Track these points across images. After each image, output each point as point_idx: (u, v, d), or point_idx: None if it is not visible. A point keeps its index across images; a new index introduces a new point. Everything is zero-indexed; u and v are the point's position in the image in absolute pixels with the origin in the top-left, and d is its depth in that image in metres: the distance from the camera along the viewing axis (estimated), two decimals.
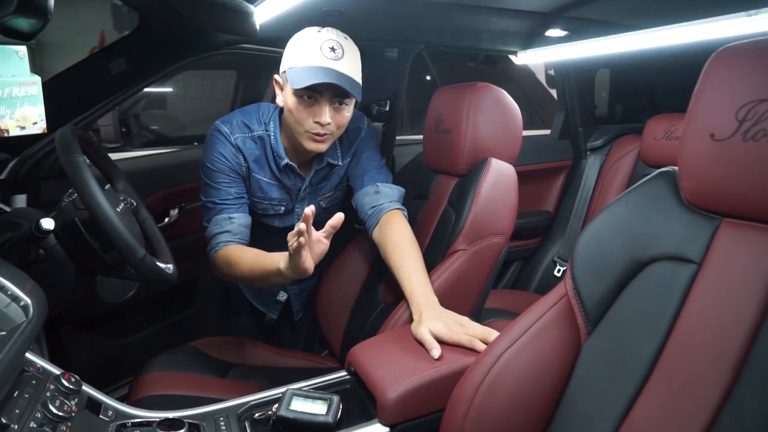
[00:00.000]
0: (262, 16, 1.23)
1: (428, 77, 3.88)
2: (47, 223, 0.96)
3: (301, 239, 0.93)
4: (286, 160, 1.28)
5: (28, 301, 0.90)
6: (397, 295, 1.27)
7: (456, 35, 1.65)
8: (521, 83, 3.67)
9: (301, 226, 0.91)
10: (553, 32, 1.68)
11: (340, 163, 1.36)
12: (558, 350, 0.84)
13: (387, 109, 1.72)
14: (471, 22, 1.59)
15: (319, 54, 1.11)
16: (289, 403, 0.93)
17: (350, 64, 1.14)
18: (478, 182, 1.24)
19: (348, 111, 1.20)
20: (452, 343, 1.01)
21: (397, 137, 1.91)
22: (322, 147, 1.20)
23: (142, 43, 1.34)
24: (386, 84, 1.72)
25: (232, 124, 1.26)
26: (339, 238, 1.81)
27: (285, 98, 1.18)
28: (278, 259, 1.07)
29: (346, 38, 1.17)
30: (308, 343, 1.86)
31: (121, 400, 1.22)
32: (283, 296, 1.60)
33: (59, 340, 1.61)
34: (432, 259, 1.31)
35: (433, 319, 1.04)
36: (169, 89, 4.09)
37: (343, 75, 1.12)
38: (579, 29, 1.65)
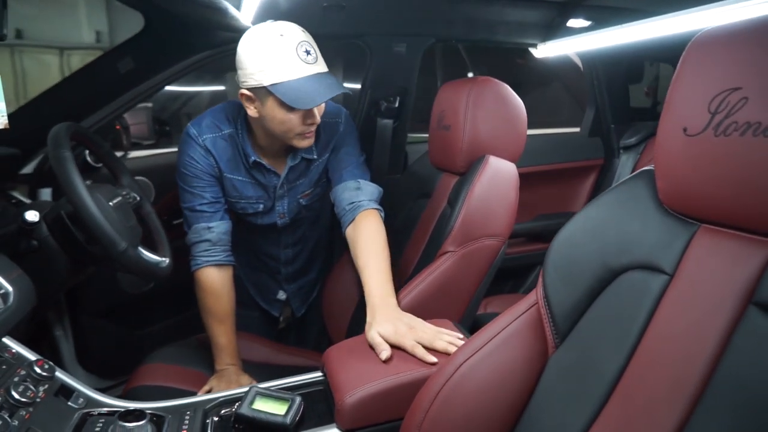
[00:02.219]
0: (255, 11, 1.23)
1: (470, 74, 3.79)
2: (31, 216, 1.01)
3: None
4: (254, 158, 1.27)
5: (9, 289, 0.94)
6: None
7: (468, 28, 1.58)
8: (567, 80, 3.50)
9: None
10: (575, 22, 1.58)
11: (315, 157, 1.33)
12: (522, 362, 0.78)
13: (396, 105, 1.68)
14: (484, 14, 1.52)
15: (298, 61, 1.07)
16: (251, 402, 0.92)
17: (322, 59, 1.13)
18: (472, 181, 1.18)
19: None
20: (397, 345, 0.97)
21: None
22: (312, 140, 1.20)
23: (148, 42, 1.38)
24: (395, 80, 1.67)
25: (201, 126, 1.26)
26: (343, 238, 1.80)
27: (268, 112, 1.13)
28: (225, 352, 1.31)
29: (303, 31, 1.12)
30: (318, 341, 1.86)
31: None
32: (282, 295, 1.61)
33: (81, 329, 1.70)
34: (427, 260, 1.26)
35: (384, 321, 1.01)
36: (223, 88, 4.24)
37: (329, 76, 1.11)
38: (603, 18, 1.54)
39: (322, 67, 1.11)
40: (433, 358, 0.94)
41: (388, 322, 1.00)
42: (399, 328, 0.99)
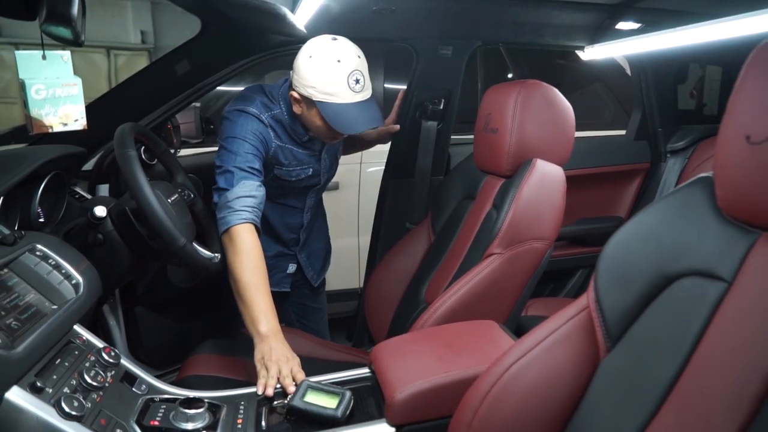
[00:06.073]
0: (308, 16, 1.26)
1: (510, 75, 3.75)
2: (100, 211, 1.07)
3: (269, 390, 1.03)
4: (309, 135, 1.37)
5: (80, 279, 1.00)
6: (437, 295, 1.25)
7: (515, 30, 1.58)
8: (610, 81, 3.42)
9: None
10: (625, 25, 1.56)
11: None
12: (572, 365, 0.79)
13: (441, 107, 1.69)
14: (531, 17, 1.52)
15: (347, 90, 1.19)
16: (303, 395, 0.95)
17: (369, 87, 1.24)
18: (520, 184, 1.19)
19: None
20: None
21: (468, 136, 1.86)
22: (338, 140, 1.36)
23: (204, 46, 1.43)
24: (440, 82, 1.69)
25: (258, 106, 1.32)
26: (389, 235, 1.82)
27: (310, 117, 1.27)
28: (264, 317, 1.20)
29: (359, 56, 1.22)
30: (358, 338, 1.89)
31: None
32: (292, 268, 1.61)
33: (134, 320, 1.77)
34: (472, 262, 1.28)
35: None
36: None
37: (371, 104, 1.24)
38: (654, 20, 1.52)
39: (367, 93, 1.23)
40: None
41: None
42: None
